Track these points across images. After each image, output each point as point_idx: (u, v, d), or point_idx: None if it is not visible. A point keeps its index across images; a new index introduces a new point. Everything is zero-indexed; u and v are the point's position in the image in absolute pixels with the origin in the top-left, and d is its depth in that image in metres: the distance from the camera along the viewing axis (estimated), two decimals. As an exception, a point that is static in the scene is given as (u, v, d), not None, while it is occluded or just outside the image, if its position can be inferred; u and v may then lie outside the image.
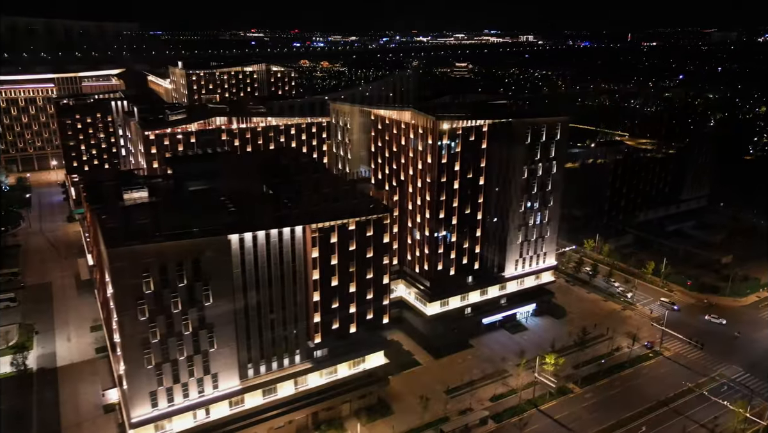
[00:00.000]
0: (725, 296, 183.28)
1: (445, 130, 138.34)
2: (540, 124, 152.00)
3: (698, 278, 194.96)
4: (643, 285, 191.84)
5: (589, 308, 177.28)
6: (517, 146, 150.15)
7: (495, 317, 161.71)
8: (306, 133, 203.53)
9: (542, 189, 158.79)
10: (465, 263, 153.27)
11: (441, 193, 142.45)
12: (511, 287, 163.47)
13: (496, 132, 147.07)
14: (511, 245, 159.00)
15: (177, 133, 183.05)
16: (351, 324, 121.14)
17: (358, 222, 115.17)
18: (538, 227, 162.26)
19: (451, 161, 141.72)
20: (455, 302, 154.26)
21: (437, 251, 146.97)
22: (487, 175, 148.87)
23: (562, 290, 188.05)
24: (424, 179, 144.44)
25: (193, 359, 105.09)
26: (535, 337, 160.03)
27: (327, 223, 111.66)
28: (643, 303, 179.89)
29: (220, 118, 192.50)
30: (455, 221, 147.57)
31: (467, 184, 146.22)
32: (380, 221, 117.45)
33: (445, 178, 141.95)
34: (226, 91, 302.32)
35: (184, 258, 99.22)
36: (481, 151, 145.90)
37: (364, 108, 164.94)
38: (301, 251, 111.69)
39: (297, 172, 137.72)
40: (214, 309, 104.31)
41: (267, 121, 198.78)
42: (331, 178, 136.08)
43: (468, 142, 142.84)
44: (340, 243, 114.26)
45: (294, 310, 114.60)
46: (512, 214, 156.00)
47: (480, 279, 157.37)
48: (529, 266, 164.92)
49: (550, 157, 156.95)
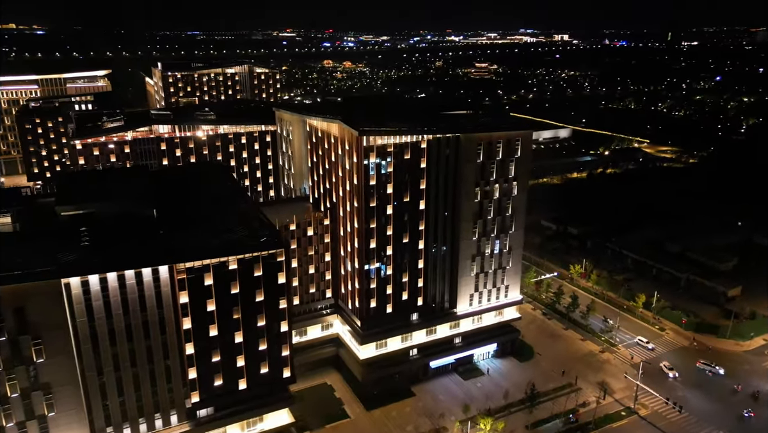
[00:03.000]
0: (725, 337, 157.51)
1: (372, 147, 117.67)
2: (495, 140, 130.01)
3: (698, 313, 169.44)
4: (632, 321, 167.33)
5: (562, 348, 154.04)
6: (466, 165, 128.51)
7: (445, 359, 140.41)
8: (259, 142, 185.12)
9: (500, 214, 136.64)
10: (405, 299, 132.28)
11: (371, 220, 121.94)
12: (465, 324, 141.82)
13: (440, 149, 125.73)
14: (464, 277, 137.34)
15: (109, 143, 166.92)
16: (240, 379, 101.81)
17: (242, 260, 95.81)
18: (497, 256, 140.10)
19: (382, 183, 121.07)
20: (395, 343, 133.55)
21: (369, 286, 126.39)
22: (429, 198, 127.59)
23: (536, 324, 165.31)
24: (352, 203, 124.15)
25: (26, 425, 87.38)
26: (491, 384, 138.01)
27: (198, 262, 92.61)
28: (627, 343, 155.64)
29: (164, 126, 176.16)
30: (390, 252, 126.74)
31: (404, 209, 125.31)
32: (271, 259, 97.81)
33: (376, 202, 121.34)
34: (206, 93, 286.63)
35: (2, 307, 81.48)
36: (420, 171, 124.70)
37: (302, 116, 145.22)
38: (169, 295, 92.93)
39: (196, 192, 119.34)
40: (50, 366, 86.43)
41: (215, 129, 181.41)
42: (233, 198, 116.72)
43: (403, 160, 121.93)
44: (218, 285, 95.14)
45: (164, 364, 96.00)
46: (463, 242, 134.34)
47: (427, 317, 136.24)
48: (488, 300, 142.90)
49: (509, 177, 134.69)
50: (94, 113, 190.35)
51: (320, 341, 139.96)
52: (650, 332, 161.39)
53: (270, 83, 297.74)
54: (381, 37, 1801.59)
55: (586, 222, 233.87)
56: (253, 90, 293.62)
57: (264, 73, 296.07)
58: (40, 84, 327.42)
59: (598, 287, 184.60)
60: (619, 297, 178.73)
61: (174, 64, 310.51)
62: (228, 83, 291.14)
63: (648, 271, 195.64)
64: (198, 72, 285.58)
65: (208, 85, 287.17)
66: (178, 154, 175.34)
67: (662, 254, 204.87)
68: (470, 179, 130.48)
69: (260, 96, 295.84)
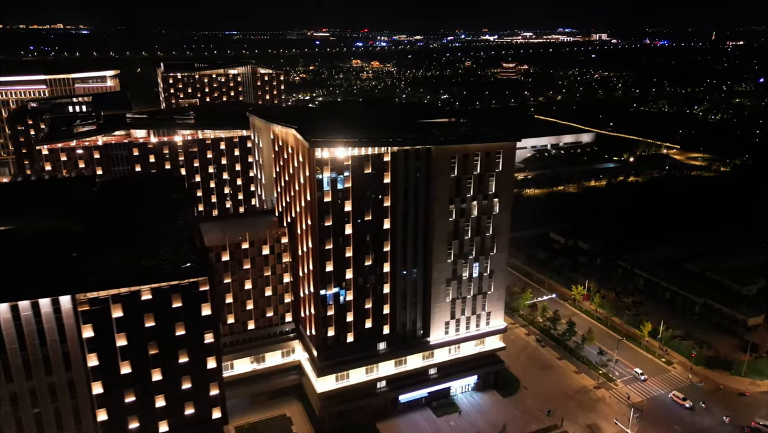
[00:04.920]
0: (740, 375, 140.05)
1: (326, 160, 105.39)
2: (472, 152, 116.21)
3: (712, 344, 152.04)
4: (636, 351, 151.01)
5: (552, 382, 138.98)
6: (438, 180, 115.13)
7: (417, 393, 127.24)
8: (239, 148, 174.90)
9: (479, 234, 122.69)
10: (369, 327, 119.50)
11: (326, 241, 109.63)
12: (441, 355, 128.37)
13: (408, 162, 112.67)
14: (438, 303, 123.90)
15: (76, 148, 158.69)
16: (160, 421, 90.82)
17: (157, 290, 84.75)
18: (476, 280, 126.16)
19: (339, 199, 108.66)
20: (359, 375, 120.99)
21: (325, 313, 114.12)
22: (395, 216, 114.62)
23: (527, 353, 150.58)
24: (306, 221, 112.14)
25: None
26: (466, 422, 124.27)
27: (104, 292, 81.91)
28: (627, 378, 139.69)
29: (141, 131, 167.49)
30: (350, 275, 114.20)
31: (365, 228, 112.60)
32: (193, 288, 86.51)
33: (332, 220, 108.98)
34: (208, 95, 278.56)
35: None
36: (384, 187, 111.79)
37: (267, 123, 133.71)
38: (73, 327, 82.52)
39: (138, 206, 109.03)
40: (-69, 407, 76.88)
41: (195, 133, 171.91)
42: (172, 214, 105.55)
43: (363, 175, 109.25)
44: (129, 318, 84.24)
45: (70, 403, 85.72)
46: (437, 265, 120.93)
47: (396, 346, 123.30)
48: (466, 328, 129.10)
49: (489, 194, 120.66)
50: (69, 116, 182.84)
51: (280, 369, 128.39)
52: (654, 365, 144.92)
53: (274, 84, 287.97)
54: (414, 37, 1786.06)
55: (599, 236, 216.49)
56: (256, 91, 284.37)
57: (268, 74, 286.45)
58: (48, 84, 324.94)
59: (602, 311, 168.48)
60: (624, 323, 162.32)
61: (176, 64, 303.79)
62: (230, 84, 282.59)
63: (661, 293, 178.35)
64: (199, 73, 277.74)
65: (209, 86, 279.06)
66: (152, 160, 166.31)
67: (679, 274, 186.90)
68: (444, 196, 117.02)
69: (263, 97, 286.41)
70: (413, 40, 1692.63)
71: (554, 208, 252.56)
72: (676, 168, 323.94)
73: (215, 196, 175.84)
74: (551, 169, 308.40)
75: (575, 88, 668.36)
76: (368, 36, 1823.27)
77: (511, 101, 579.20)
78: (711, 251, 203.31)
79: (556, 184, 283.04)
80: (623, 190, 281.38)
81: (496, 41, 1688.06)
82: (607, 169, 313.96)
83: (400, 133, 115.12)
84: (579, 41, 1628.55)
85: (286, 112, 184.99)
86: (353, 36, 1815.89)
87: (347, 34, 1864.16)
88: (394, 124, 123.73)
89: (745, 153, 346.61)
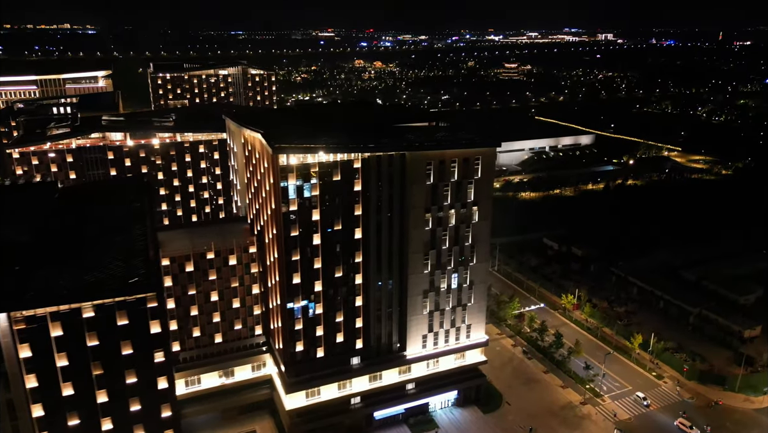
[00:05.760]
0: (734, 390, 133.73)
1: (291, 167, 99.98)
2: (448, 158, 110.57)
3: (706, 357, 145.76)
4: (626, 364, 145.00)
5: (537, 397, 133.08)
6: (413, 187, 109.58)
7: (394, 409, 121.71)
8: (219, 152, 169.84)
9: (458, 243, 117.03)
10: (341, 342, 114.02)
11: (293, 251, 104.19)
12: (419, 369, 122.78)
13: (380, 168, 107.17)
14: (415, 316, 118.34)
15: (48, 152, 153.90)
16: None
17: (100, 306, 79.55)
18: (455, 292, 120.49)
19: (305, 208, 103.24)
20: (331, 391, 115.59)
21: (294, 328, 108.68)
22: (367, 226, 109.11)
23: (513, 366, 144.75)
24: (272, 231, 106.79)
25: None
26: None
27: (41, 310, 76.75)
28: (615, 394, 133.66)
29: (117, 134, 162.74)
30: (320, 288, 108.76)
31: (335, 238, 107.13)
32: (140, 304, 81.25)
33: (298, 231, 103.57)
34: (197, 96, 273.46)
35: None
36: (354, 195, 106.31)
37: (239, 126, 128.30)
38: (11, 347, 77.43)
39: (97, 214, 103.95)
40: None
41: (173, 136, 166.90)
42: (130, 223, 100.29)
43: (331, 182, 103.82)
44: (70, 337, 79.08)
45: (10, 426, 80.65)
46: (413, 276, 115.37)
47: (370, 361, 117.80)
48: (445, 342, 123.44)
49: (468, 202, 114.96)
50: (46, 118, 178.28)
51: (251, 383, 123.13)
52: (644, 379, 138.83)
53: (265, 85, 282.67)
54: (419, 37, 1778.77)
55: (594, 242, 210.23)
56: (247, 92, 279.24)
57: (258, 75, 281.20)
58: (39, 85, 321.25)
59: (592, 321, 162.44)
60: (615, 334, 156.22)
61: (165, 64, 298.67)
62: (220, 85, 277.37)
63: (655, 303, 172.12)
64: (188, 73, 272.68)
65: (198, 87, 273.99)
66: (128, 164, 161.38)
67: (675, 282, 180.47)
68: (420, 204, 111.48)
69: (254, 98, 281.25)
70: (418, 40, 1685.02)
71: (549, 213, 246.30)
72: (677, 171, 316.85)
73: (194, 201, 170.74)
74: (547, 171, 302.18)
75: (578, 89, 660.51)
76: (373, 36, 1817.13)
77: (513, 102, 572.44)
78: (710, 257, 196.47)
79: (553, 188, 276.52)
80: (621, 194, 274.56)
81: (501, 41, 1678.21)
82: (605, 172, 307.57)
83: (375, 138, 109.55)
84: (585, 41, 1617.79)
85: (261, 114, 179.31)
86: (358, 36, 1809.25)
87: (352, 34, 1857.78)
88: (370, 129, 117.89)
89: (748, 155, 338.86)
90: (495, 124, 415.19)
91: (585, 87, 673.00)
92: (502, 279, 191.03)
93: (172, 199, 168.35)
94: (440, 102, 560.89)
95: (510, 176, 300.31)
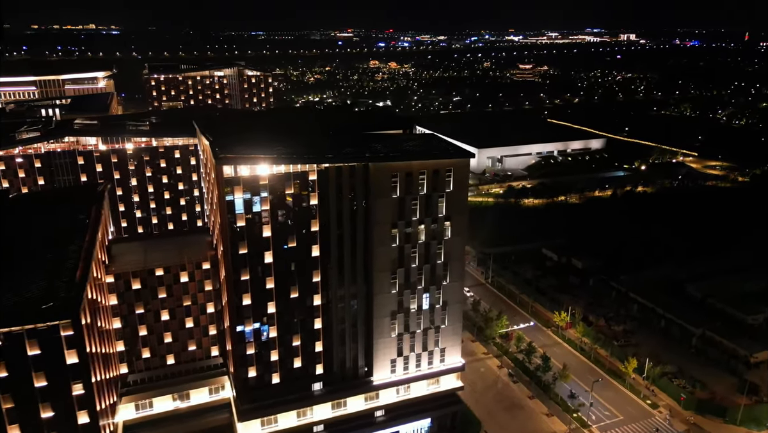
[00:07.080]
0: (735, 423, 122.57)
1: (237, 178, 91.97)
2: (416, 170, 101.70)
3: (708, 384, 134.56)
4: (619, 390, 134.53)
5: (519, 425, 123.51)
6: (378, 201, 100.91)
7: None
8: (195, 157, 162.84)
9: (429, 261, 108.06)
10: (299, 366, 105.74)
11: (242, 270, 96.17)
12: (388, 396, 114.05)
13: (340, 180, 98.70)
14: (382, 339, 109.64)
15: (16, 157, 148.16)
16: (22, 484, 78.29)
17: (7, 335, 72.20)
18: (427, 313, 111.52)
19: (255, 224, 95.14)
20: (290, 420, 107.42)
21: (245, 352, 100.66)
22: (326, 243, 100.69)
23: (496, 390, 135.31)
24: (220, 248, 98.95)
25: None
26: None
27: (-61, 338, 69.61)
28: (604, 424, 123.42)
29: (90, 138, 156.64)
30: (273, 309, 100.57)
31: (289, 256, 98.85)
32: (53, 333, 73.75)
33: (247, 248, 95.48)
34: (192, 98, 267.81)
35: None
36: (309, 210, 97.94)
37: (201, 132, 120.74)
38: None
39: (39, 226, 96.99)
40: None
41: (149, 141, 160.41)
42: (71, 237, 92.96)
43: (284, 196, 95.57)
44: (-26, 368, 71.93)
45: None
46: (379, 297, 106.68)
47: (334, 387, 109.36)
48: (417, 367, 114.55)
49: (439, 217, 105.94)
50: (20, 122, 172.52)
51: (208, 407, 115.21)
52: (637, 408, 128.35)
53: (262, 87, 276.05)
54: (438, 37, 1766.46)
55: (596, 253, 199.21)
56: (242, 94, 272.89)
57: (255, 76, 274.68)
58: (38, 85, 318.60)
59: (586, 340, 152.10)
60: (610, 355, 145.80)
61: (161, 66, 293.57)
62: (216, 87, 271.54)
63: (656, 321, 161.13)
64: (183, 75, 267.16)
65: (193, 89, 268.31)
66: (99, 169, 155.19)
67: (680, 299, 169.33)
68: (385, 219, 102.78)
69: (250, 100, 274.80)
70: (436, 41, 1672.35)
71: (552, 221, 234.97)
72: (691, 177, 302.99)
73: (170, 208, 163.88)
74: (554, 177, 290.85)
75: (594, 91, 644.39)
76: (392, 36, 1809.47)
77: (526, 104, 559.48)
78: (718, 270, 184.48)
79: (558, 195, 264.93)
80: (629, 202, 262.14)
81: (520, 41, 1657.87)
82: (615, 178, 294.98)
83: (336, 147, 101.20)
84: (606, 41, 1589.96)
85: (229, 120, 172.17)
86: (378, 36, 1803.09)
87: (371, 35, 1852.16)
88: (335, 137, 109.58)
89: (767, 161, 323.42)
90: (504, 126, 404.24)
91: (601, 89, 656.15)
92: (494, 292, 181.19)
93: (147, 206, 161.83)
94: (451, 103, 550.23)
95: (514, 182, 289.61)
